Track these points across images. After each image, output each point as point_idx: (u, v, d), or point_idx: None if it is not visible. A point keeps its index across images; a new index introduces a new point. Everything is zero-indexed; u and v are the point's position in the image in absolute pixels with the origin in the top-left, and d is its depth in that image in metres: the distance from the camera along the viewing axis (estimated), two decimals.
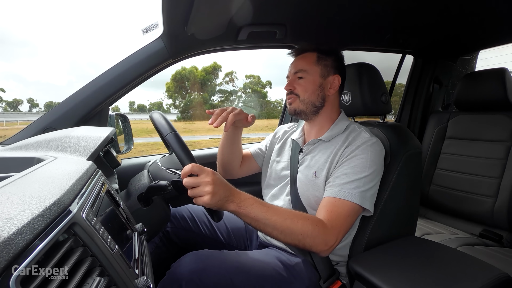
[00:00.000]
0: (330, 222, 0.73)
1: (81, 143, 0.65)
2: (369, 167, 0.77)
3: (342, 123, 0.90)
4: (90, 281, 0.33)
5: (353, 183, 0.76)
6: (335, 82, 0.90)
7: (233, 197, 0.66)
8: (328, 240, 0.72)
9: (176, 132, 0.66)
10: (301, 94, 0.88)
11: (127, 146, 1.13)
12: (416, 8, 1.13)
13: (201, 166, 0.65)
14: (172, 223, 1.00)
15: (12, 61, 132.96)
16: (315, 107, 0.89)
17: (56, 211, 0.31)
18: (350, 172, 0.77)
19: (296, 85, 0.89)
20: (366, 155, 0.78)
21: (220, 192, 0.64)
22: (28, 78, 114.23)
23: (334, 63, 0.90)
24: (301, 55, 0.92)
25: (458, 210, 1.47)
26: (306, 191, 0.85)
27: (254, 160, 1.09)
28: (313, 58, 0.89)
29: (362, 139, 0.82)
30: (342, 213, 0.74)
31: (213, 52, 1.23)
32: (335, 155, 0.83)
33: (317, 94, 0.88)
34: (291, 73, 0.91)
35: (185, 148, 0.66)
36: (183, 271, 0.67)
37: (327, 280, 0.80)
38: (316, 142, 0.90)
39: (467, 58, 1.86)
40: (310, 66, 0.88)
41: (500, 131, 1.36)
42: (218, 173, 0.67)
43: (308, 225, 0.70)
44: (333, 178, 0.80)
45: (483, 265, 0.72)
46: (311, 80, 0.88)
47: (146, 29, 1.00)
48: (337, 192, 0.76)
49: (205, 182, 0.63)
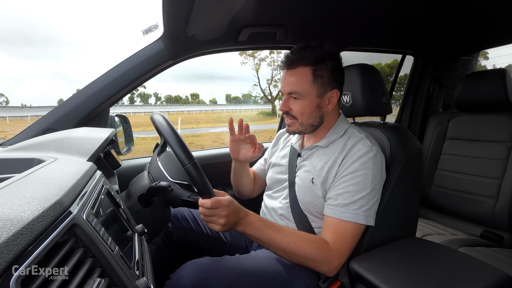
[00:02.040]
0: (335, 244, 0.74)
1: (81, 144, 0.65)
2: (371, 182, 0.76)
3: (340, 127, 0.87)
4: (91, 282, 0.33)
5: (357, 203, 0.75)
6: (333, 97, 0.83)
7: (241, 221, 0.72)
8: (332, 262, 0.74)
9: (196, 162, 0.66)
10: (299, 117, 0.83)
11: (128, 147, 1.13)
12: (416, 9, 1.13)
13: (219, 201, 0.68)
14: (173, 223, 1.00)
15: (60, 60, 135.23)
16: (313, 126, 0.85)
17: (57, 212, 0.31)
18: (353, 190, 0.76)
19: (292, 105, 0.83)
20: (368, 170, 0.76)
21: (231, 221, 0.70)
22: (72, 77, 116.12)
23: (331, 76, 0.81)
24: (293, 70, 0.81)
25: (459, 211, 1.46)
26: (304, 197, 0.85)
27: (259, 177, 1.13)
28: (308, 77, 0.80)
29: (362, 150, 0.78)
30: (347, 235, 0.75)
31: (213, 53, 1.23)
32: (334, 164, 0.81)
33: (315, 115, 0.83)
34: (285, 92, 0.83)
35: (204, 180, 0.67)
36: (185, 282, 0.67)
37: (327, 280, 0.80)
38: (313, 148, 0.89)
39: (468, 59, 1.86)
40: (305, 88, 0.80)
41: (500, 131, 1.35)
42: (233, 202, 0.71)
43: (311, 250, 0.73)
44: (335, 195, 0.78)
45: (484, 266, 0.72)
46: (307, 102, 0.81)
47: (146, 30, 1.00)
48: (341, 214, 0.76)
49: (220, 215, 0.68)
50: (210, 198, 0.68)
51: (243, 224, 0.72)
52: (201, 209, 0.69)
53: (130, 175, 0.94)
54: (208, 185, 0.68)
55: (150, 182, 0.79)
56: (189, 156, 0.65)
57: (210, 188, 0.68)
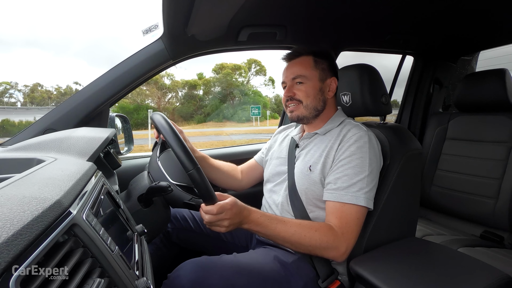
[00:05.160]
0: (341, 229, 0.75)
1: (81, 144, 0.65)
2: (368, 165, 0.78)
3: (337, 118, 0.91)
4: (90, 282, 0.33)
5: (356, 185, 0.77)
6: (333, 84, 0.91)
7: (245, 220, 0.73)
8: (339, 247, 0.74)
9: (199, 167, 0.66)
10: (304, 100, 0.88)
11: (128, 147, 1.13)
12: (416, 9, 1.13)
13: (223, 206, 0.68)
14: (172, 223, 1.00)
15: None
16: (317, 111, 0.90)
17: (56, 212, 0.31)
18: (351, 173, 0.78)
19: (296, 90, 0.89)
20: (364, 154, 0.79)
21: (236, 222, 0.71)
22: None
23: (330, 66, 0.91)
24: (296, 59, 0.90)
25: (459, 211, 1.46)
26: (302, 185, 0.86)
27: (259, 167, 1.12)
28: (311, 63, 0.89)
29: (358, 134, 0.82)
30: (351, 218, 0.76)
31: (213, 53, 1.23)
32: (330, 149, 0.84)
33: (319, 98, 0.89)
34: (289, 79, 0.90)
35: (208, 186, 0.67)
36: (183, 281, 0.67)
37: (326, 280, 0.80)
38: (311, 136, 0.92)
39: (468, 59, 1.86)
40: (308, 71, 0.88)
41: (500, 132, 1.35)
42: (235, 204, 0.71)
43: (316, 238, 0.74)
44: (334, 180, 0.80)
45: (484, 266, 0.72)
46: (311, 85, 0.88)
47: (147, 30, 1.00)
48: (342, 196, 0.77)
49: (224, 219, 0.69)
50: (213, 204, 0.68)
51: (248, 223, 0.74)
52: (206, 216, 0.69)
53: (130, 175, 0.94)
54: (212, 191, 0.68)
55: (150, 182, 0.79)
56: (192, 161, 0.65)
57: (213, 194, 0.69)
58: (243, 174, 1.13)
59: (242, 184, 1.13)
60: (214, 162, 1.07)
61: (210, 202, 0.69)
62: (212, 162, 1.06)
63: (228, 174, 1.09)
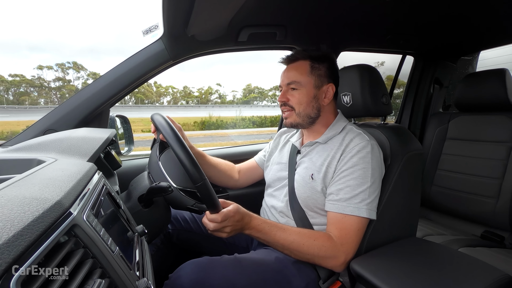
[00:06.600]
0: (340, 239, 0.75)
1: (81, 145, 0.65)
2: (371, 176, 0.77)
3: (338, 124, 0.89)
4: (91, 283, 0.32)
5: (358, 197, 0.76)
6: (329, 91, 0.88)
7: (247, 226, 0.75)
8: (338, 257, 0.75)
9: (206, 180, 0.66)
10: (296, 107, 0.87)
11: (128, 148, 1.13)
12: (416, 9, 1.13)
13: (226, 214, 0.70)
14: (173, 225, 1.00)
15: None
16: (311, 118, 0.88)
17: (57, 213, 0.31)
18: (354, 184, 0.77)
19: (290, 96, 0.87)
20: (367, 164, 0.78)
21: (237, 228, 0.73)
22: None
23: (327, 71, 0.87)
24: (293, 63, 0.88)
25: (460, 211, 1.46)
26: (303, 193, 0.85)
27: (259, 168, 1.12)
28: (306, 68, 0.86)
29: (360, 144, 0.80)
30: (351, 229, 0.76)
31: (213, 53, 1.23)
32: (333, 159, 0.82)
33: (312, 105, 0.87)
34: (284, 84, 0.89)
35: (213, 196, 0.68)
36: (184, 282, 0.67)
37: (327, 281, 0.80)
38: (313, 144, 0.90)
39: (468, 59, 1.86)
40: (303, 77, 0.85)
41: (501, 132, 1.35)
42: (238, 211, 0.72)
43: (315, 247, 0.74)
44: (336, 191, 0.79)
45: (485, 266, 0.72)
46: (305, 92, 0.86)
47: (147, 31, 1.00)
48: (344, 208, 0.77)
49: (227, 226, 0.71)
50: (218, 213, 0.69)
51: (249, 228, 0.75)
52: (211, 225, 0.71)
53: (130, 175, 0.94)
54: (217, 201, 0.69)
55: (150, 182, 0.79)
56: (200, 174, 0.65)
57: (218, 203, 0.70)
58: (241, 173, 1.13)
59: (238, 184, 1.12)
60: (211, 160, 1.07)
61: (215, 210, 0.69)
62: (209, 159, 1.06)
63: (225, 173, 1.09)
